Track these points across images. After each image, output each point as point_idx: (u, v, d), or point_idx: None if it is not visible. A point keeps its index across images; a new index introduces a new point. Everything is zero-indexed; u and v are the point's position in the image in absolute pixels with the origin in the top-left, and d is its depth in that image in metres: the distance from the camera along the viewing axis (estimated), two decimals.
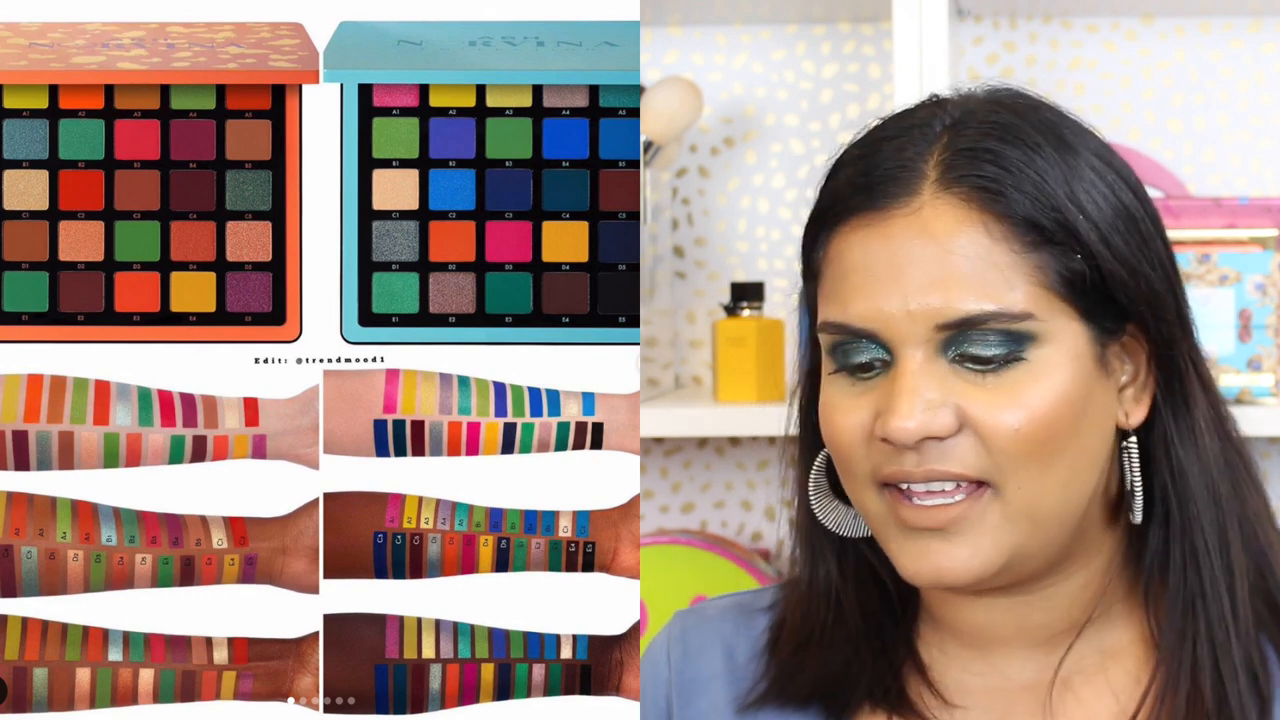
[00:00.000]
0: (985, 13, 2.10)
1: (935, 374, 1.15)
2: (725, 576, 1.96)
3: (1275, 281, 1.86)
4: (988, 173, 1.16)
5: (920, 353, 1.14)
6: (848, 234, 1.18)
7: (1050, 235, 1.15)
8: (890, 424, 1.14)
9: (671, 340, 2.14)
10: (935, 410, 1.14)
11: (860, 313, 1.16)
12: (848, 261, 1.17)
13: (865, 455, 1.16)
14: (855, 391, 1.17)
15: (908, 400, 1.14)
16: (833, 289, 1.18)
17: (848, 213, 1.18)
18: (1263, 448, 2.08)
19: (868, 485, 1.17)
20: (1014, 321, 1.14)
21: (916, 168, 1.17)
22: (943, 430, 1.14)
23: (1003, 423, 1.14)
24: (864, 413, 1.16)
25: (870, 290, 1.16)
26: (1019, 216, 1.15)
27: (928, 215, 1.15)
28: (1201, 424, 1.20)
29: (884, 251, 1.16)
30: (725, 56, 2.14)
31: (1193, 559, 1.19)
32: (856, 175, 1.19)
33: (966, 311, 1.14)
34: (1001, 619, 1.21)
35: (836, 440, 1.18)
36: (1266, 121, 2.08)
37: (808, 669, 1.25)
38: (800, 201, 2.14)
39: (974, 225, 1.15)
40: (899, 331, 1.15)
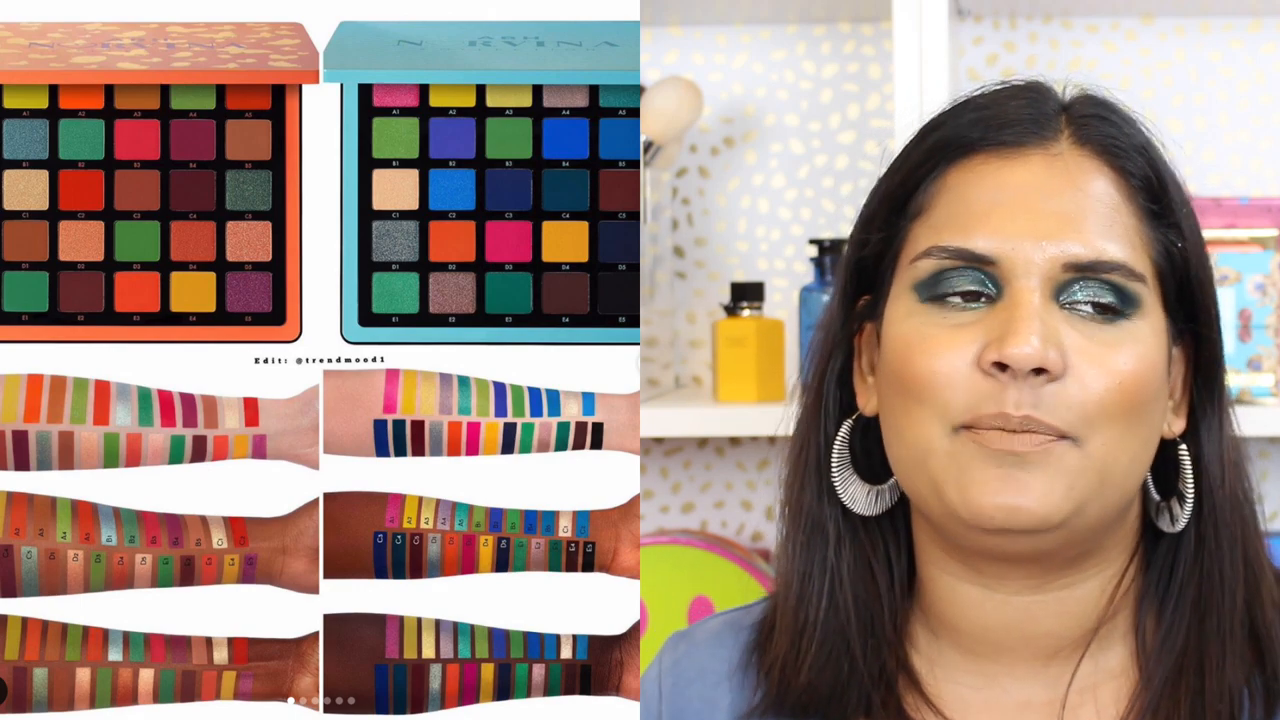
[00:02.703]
0: (985, 13, 2.10)
1: (1049, 313, 1.14)
2: (725, 576, 1.96)
3: (1275, 281, 1.86)
4: (1115, 135, 1.18)
5: (1038, 288, 1.14)
6: (977, 165, 1.17)
7: (1162, 211, 1.17)
8: (1009, 348, 1.12)
9: (671, 340, 2.14)
10: (1051, 343, 1.13)
11: (987, 239, 1.15)
12: (974, 191, 1.17)
13: (958, 391, 1.14)
14: (952, 323, 1.15)
15: (1029, 325, 1.12)
16: (948, 218, 1.17)
17: (981, 145, 1.18)
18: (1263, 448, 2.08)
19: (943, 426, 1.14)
20: (1131, 279, 1.15)
21: (1051, 119, 1.18)
22: (1055, 366, 1.12)
23: (1106, 374, 1.13)
24: (968, 345, 1.14)
25: (1000, 219, 1.15)
26: (1141, 181, 1.17)
27: (1069, 160, 1.17)
28: (1226, 448, 1.20)
29: (1021, 184, 1.16)
30: (725, 56, 2.15)
31: (1201, 582, 1.19)
32: (990, 117, 1.19)
33: (1096, 256, 1.14)
34: (1011, 621, 1.19)
35: (926, 375, 1.15)
36: (1266, 121, 2.08)
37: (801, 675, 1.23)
38: (800, 201, 2.14)
39: (1107, 179, 1.17)
40: (1024, 263, 1.14)
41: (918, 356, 1.15)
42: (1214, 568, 1.18)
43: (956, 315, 1.15)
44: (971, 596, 1.20)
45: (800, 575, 1.24)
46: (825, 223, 2.14)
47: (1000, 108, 1.19)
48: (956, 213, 1.17)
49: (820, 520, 1.23)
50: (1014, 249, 1.14)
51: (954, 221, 1.16)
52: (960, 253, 1.15)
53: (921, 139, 1.21)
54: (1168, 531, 1.20)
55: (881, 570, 1.23)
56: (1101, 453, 1.14)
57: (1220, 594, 1.18)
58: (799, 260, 2.14)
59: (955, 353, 1.14)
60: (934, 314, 1.16)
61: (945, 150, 1.19)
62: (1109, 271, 1.14)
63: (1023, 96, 1.20)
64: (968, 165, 1.18)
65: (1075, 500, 1.14)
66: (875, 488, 1.23)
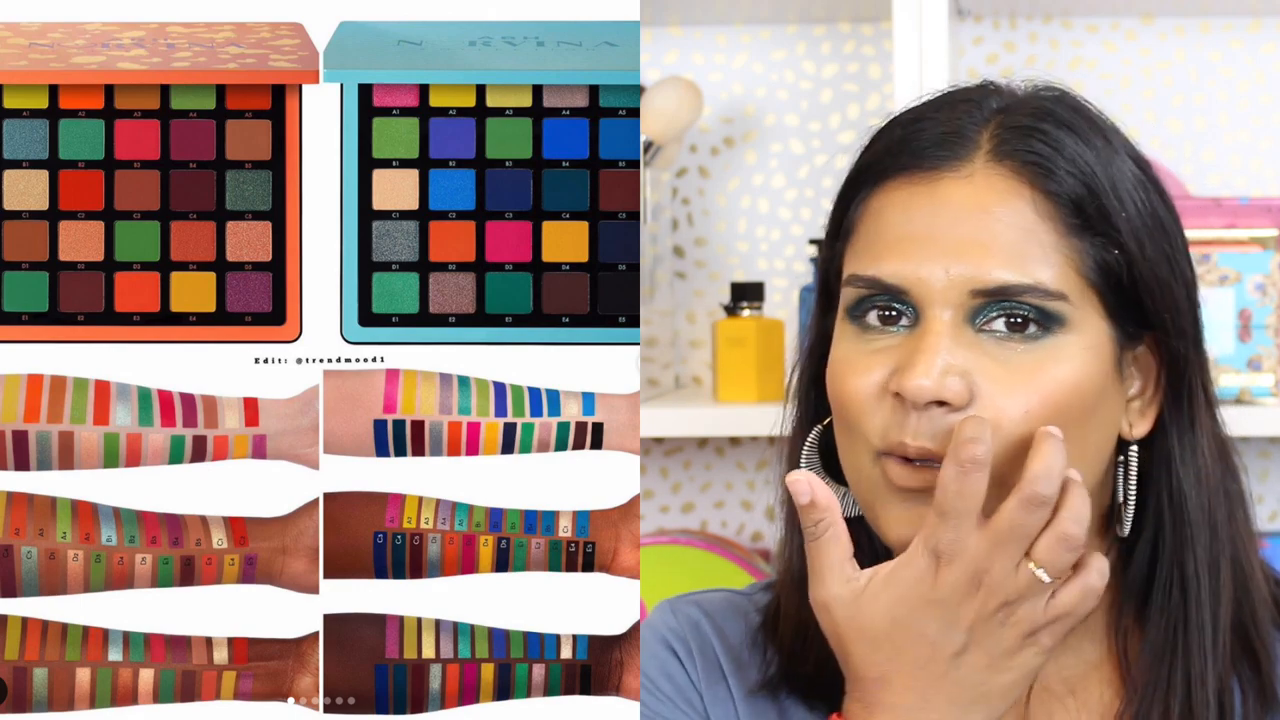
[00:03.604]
0: (985, 13, 2.10)
1: (959, 340, 1.14)
2: (725, 577, 1.96)
3: (1275, 281, 1.86)
4: (1040, 150, 1.16)
5: (949, 316, 1.14)
6: (892, 190, 1.17)
7: (1092, 223, 1.15)
8: (907, 380, 1.12)
9: (671, 340, 2.14)
10: (952, 375, 1.13)
11: (895, 268, 1.15)
12: (888, 217, 1.17)
13: (872, 415, 1.15)
14: (872, 349, 1.16)
15: (928, 359, 1.12)
16: (867, 244, 1.18)
17: (896, 170, 1.17)
18: (1262, 448, 2.08)
19: (866, 450, 1.16)
20: (1047, 299, 1.14)
21: (970, 136, 1.17)
22: (955, 398, 1.12)
23: (1013, 403, 1.13)
24: (880, 370, 1.15)
25: (908, 248, 1.15)
26: (1065, 197, 1.15)
27: (979, 182, 1.15)
28: (1204, 447, 1.19)
29: (928, 211, 1.15)
30: (725, 56, 2.15)
31: (1180, 583, 1.18)
32: (907, 137, 1.18)
33: (1005, 280, 1.13)
34: None
35: (845, 397, 1.16)
36: (1266, 121, 2.08)
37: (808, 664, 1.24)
38: (800, 201, 2.14)
39: (1022, 198, 1.15)
40: (932, 291, 1.14)
41: (842, 378, 1.17)
42: (1192, 570, 1.18)
43: (878, 339, 1.16)
44: None
45: (796, 574, 1.25)
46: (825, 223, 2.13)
47: (921, 125, 1.18)
48: (871, 240, 1.17)
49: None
50: (919, 277, 1.14)
51: (870, 249, 1.17)
52: (872, 282, 1.16)
53: (858, 156, 1.21)
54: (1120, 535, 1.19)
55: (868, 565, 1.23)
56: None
57: (1201, 596, 1.17)
58: (799, 260, 2.14)
59: (869, 377, 1.16)
60: (859, 338, 1.17)
61: (866, 174, 1.20)
62: (1020, 294, 1.13)
63: (951, 109, 1.19)
64: (884, 190, 1.18)
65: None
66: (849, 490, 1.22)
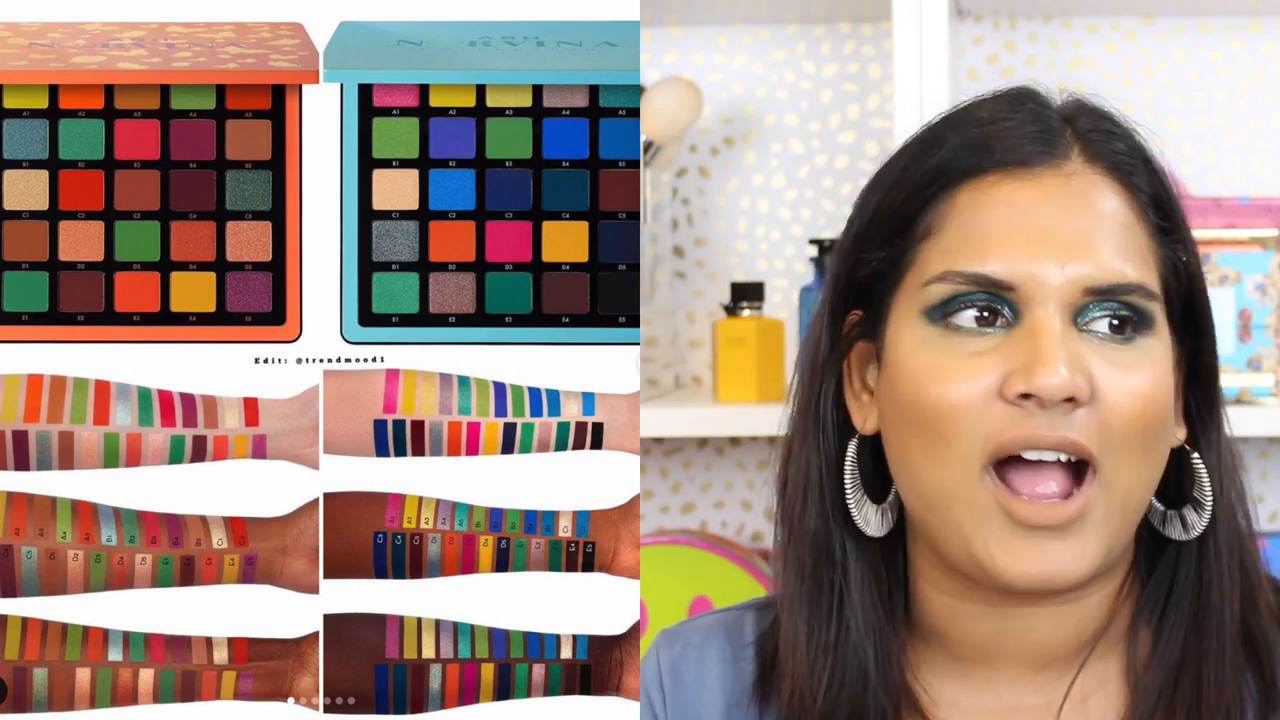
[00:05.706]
0: (985, 13, 2.10)
1: (1070, 338, 1.11)
2: (725, 576, 1.96)
3: (1275, 281, 1.86)
4: (1123, 150, 1.15)
5: (1059, 313, 1.11)
6: (988, 187, 1.14)
7: (1170, 229, 1.15)
8: (1038, 379, 1.09)
9: (671, 340, 2.14)
10: (1079, 372, 1.10)
11: (1003, 264, 1.12)
12: (987, 213, 1.13)
13: (977, 422, 1.11)
14: (968, 352, 1.12)
15: (1054, 354, 1.09)
16: (963, 241, 1.13)
17: (991, 166, 1.14)
18: (1262, 448, 2.08)
19: (972, 462, 1.11)
20: (1149, 299, 1.13)
21: (1061, 135, 1.15)
22: (1083, 393, 1.10)
23: (1129, 396, 1.11)
24: (988, 374, 1.11)
25: (1016, 243, 1.12)
26: (1151, 198, 1.15)
27: (1081, 180, 1.14)
28: (1223, 456, 1.18)
29: (1036, 207, 1.13)
30: (725, 56, 2.15)
31: (1197, 589, 1.17)
32: (994, 134, 1.15)
33: (1115, 278, 1.11)
34: (1008, 631, 1.17)
35: (943, 407, 1.12)
36: (1266, 121, 2.08)
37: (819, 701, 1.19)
38: (800, 201, 2.14)
39: (1119, 197, 1.14)
40: (1045, 288, 1.11)
41: (933, 386, 1.12)
42: (1215, 575, 1.17)
43: (973, 342, 1.12)
44: (968, 612, 1.18)
45: (808, 600, 1.20)
46: (825, 223, 2.14)
47: (1005, 123, 1.16)
48: (970, 236, 1.13)
49: (827, 543, 1.20)
50: (1032, 274, 1.11)
51: (968, 245, 1.13)
52: (976, 278, 1.12)
53: (921, 155, 1.17)
54: (1179, 540, 1.18)
55: (884, 589, 1.20)
56: (1123, 486, 1.12)
57: (1220, 602, 1.16)
58: (799, 260, 2.14)
59: (975, 382, 1.11)
60: (948, 341, 1.13)
61: (953, 169, 1.15)
62: (1127, 293, 1.12)
63: (1023, 110, 1.17)
64: (978, 186, 1.14)
65: (1105, 550, 1.12)
66: (880, 506, 1.20)
